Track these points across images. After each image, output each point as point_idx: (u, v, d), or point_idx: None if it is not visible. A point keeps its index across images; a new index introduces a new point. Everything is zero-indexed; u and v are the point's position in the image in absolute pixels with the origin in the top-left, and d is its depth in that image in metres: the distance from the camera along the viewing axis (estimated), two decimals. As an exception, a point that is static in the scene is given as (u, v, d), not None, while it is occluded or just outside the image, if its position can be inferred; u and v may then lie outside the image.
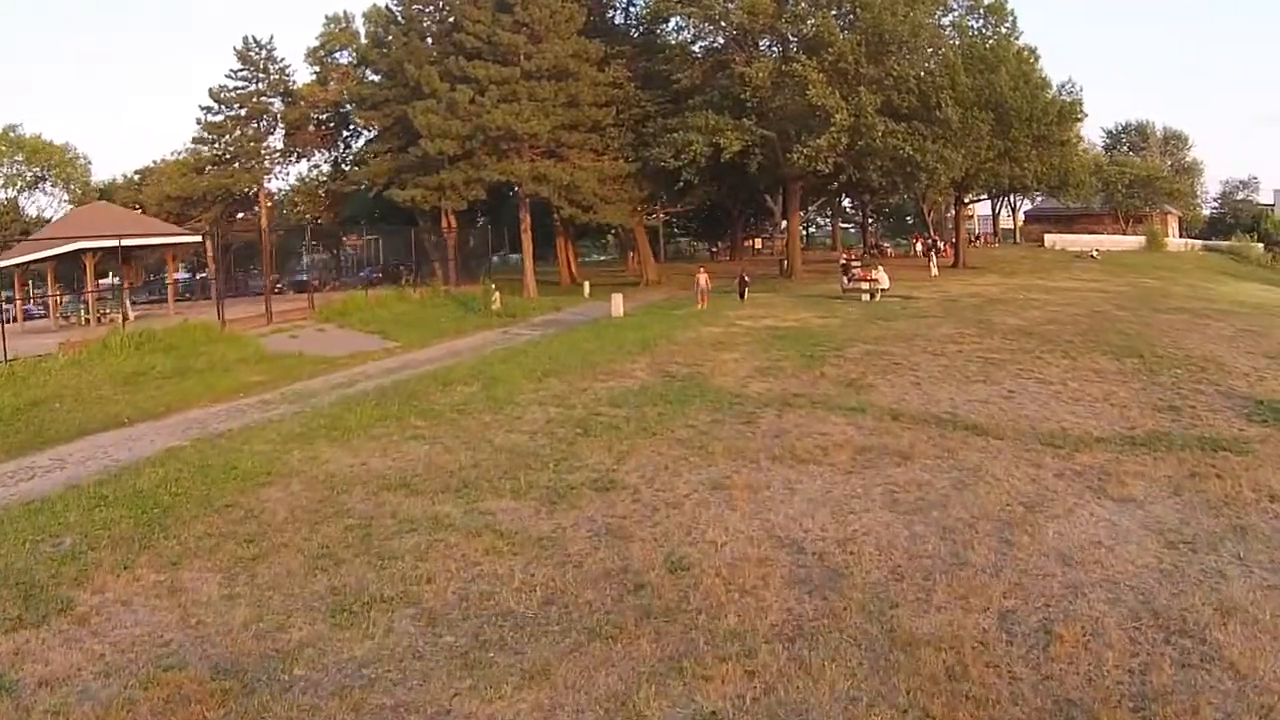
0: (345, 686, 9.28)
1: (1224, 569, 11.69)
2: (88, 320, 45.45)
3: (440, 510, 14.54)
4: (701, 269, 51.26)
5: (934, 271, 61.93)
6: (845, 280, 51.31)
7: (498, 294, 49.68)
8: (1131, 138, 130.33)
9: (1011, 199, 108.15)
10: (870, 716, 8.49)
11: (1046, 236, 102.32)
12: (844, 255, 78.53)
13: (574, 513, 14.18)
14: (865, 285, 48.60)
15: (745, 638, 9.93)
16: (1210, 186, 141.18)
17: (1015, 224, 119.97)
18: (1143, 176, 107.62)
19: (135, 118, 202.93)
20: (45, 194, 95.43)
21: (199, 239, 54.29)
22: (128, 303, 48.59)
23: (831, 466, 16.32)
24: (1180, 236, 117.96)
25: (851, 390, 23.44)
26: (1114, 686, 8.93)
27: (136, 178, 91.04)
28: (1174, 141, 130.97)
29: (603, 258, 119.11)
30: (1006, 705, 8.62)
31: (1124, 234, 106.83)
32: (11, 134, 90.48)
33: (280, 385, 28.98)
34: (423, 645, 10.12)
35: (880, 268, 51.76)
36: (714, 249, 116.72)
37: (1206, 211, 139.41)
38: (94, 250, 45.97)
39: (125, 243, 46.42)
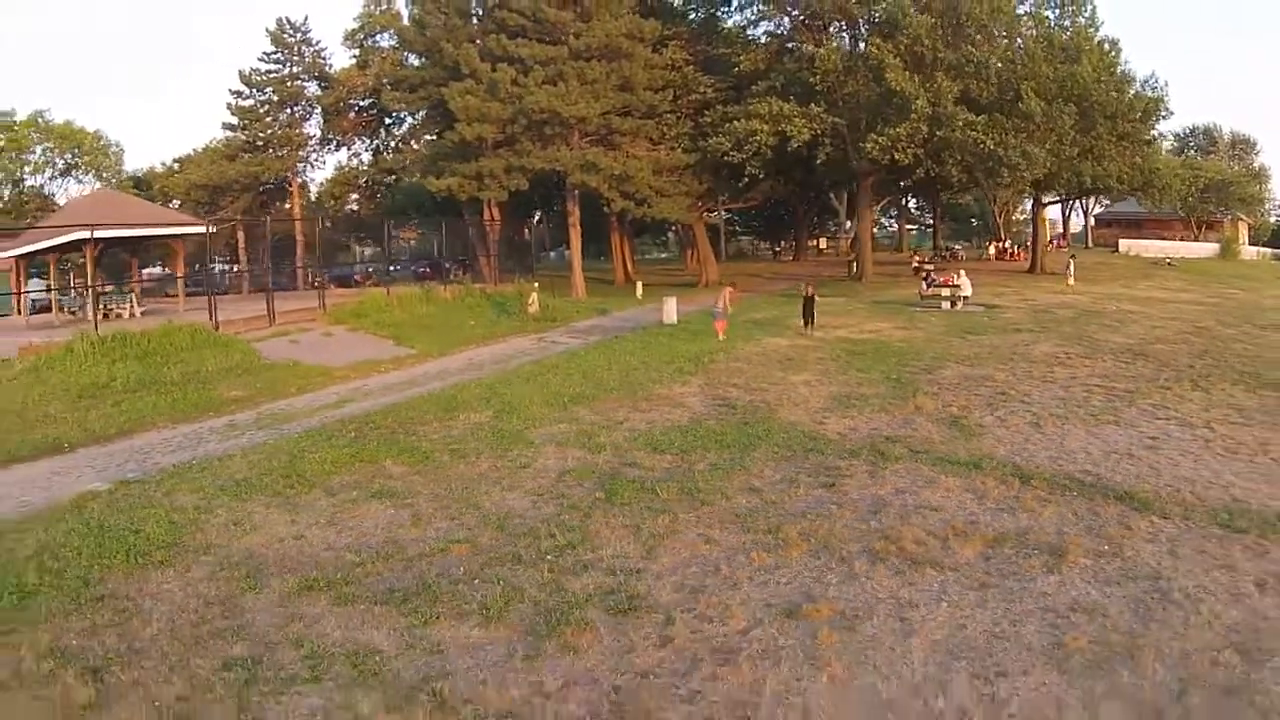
0: None
1: None
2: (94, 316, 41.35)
3: (368, 640, 9.70)
4: (729, 286, 40.23)
5: (1070, 280, 55.96)
6: (924, 286, 46.97)
7: (535, 295, 44.95)
8: (1199, 141, 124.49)
9: (1083, 201, 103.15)
10: None
11: (1121, 242, 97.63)
12: (916, 258, 73.95)
13: (567, 661, 9.17)
14: (945, 291, 44.29)
15: None
16: (1274, 192, 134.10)
17: (1086, 227, 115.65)
18: (1217, 181, 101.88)
19: (176, 105, 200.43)
20: (78, 181, 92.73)
21: (199, 230, 49.81)
22: (134, 298, 44.34)
23: (956, 573, 11.18)
24: (1250, 244, 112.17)
25: (958, 433, 18.36)
26: None
27: (176, 165, 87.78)
28: (1242, 146, 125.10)
29: (664, 255, 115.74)
30: None
31: (1195, 240, 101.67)
32: (40, 120, 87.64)
33: (260, 403, 24.68)
34: None
35: (962, 273, 46.78)
36: (776, 249, 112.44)
37: (1274, 219, 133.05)
38: (93, 240, 42.04)
39: (104, 234, 42.75)
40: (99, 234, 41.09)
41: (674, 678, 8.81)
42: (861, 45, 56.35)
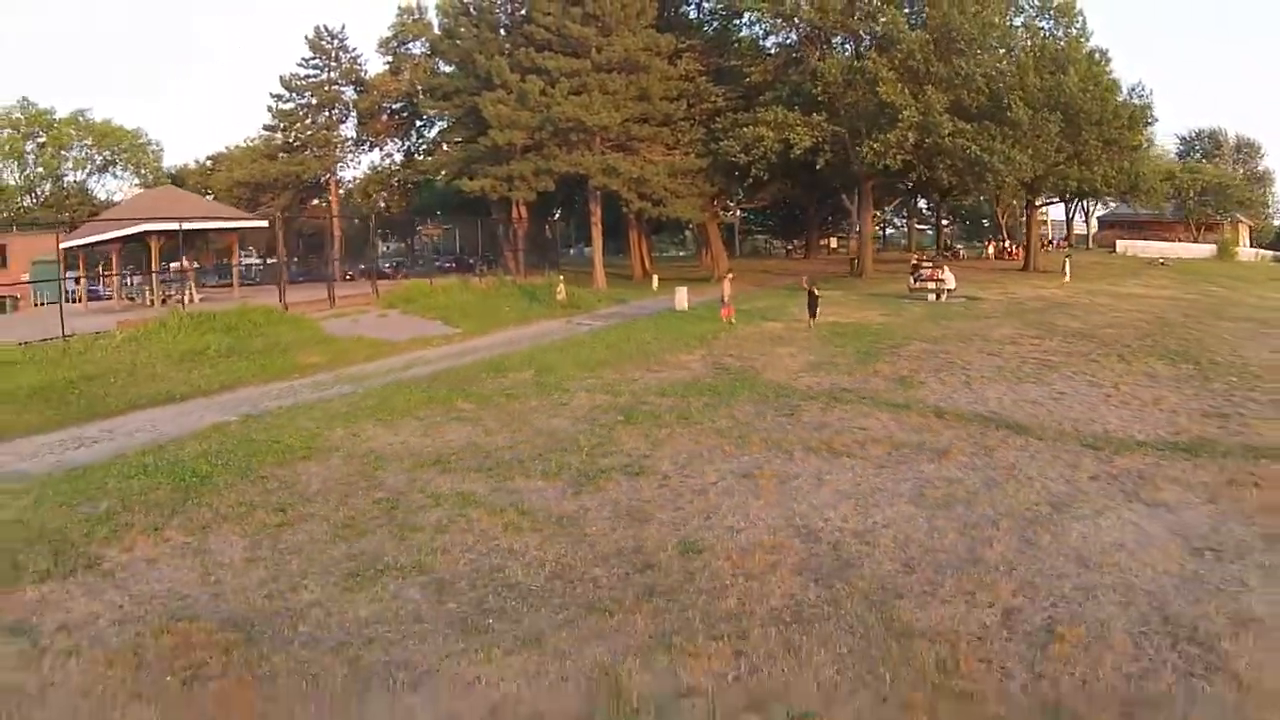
0: (344, 643, 9.49)
1: (1247, 579, 10.95)
2: (152, 301, 46.00)
3: (469, 488, 14.71)
4: (729, 274, 44.93)
5: (1066, 278, 59.93)
6: (912, 280, 51.08)
7: (562, 285, 49.89)
8: (1204, 145, 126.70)
9: (1085, 204, 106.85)
10: (850, 702, 8.39)
11: (1118, 242, 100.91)
12: (915, 256, 78.02)
13: (599, 495, 14.28)
14: (931, 285, 48.46)
15: (741, 620, 9.85)
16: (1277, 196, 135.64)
17: (1088, 229, 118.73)
18: (1215, 184, 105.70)
19: (208, 104, 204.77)
20: (115, 178, 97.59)
21: (264, 224, 54.59)
22: (192, 285, 49.02)
23: (865, 460, 16.19)
24: (1251, 246, 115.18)
25: (901, 387, 23.28)
26: (1108, 690, 8.50)
27: (209, 163, 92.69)
28: (1247, 149, 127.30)
29: (681, 253, 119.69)
30: (991, 701, 8.35)
31: (1195, 242, 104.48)
32: (80, 118, 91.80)
33: (336, 367, 29.54)
34: (426, 610, 10.28)
35: (946, 268, 51.25)
36: (789, 247, 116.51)
37: (1278, 222, 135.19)
38: (159, 233, 46.30)
39: (190, 227, 46.74)
40: (187, 226, 45.26)
41: (666, 501, 14.00)
42: (862, 59, 60.07)
